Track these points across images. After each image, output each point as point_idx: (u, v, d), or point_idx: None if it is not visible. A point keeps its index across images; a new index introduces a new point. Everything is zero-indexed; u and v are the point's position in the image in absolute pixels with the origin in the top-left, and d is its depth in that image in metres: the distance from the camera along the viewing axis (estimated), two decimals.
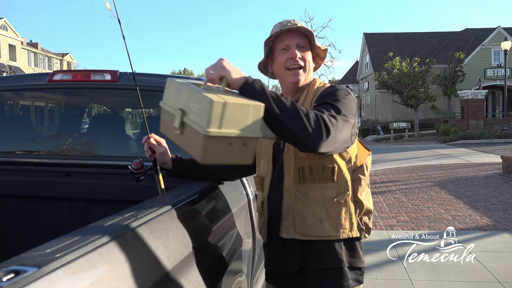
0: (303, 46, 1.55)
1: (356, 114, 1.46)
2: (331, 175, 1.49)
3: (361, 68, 41.44)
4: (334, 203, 1.49)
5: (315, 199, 1.49)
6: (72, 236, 0.91)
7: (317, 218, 1.48)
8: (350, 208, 1.52)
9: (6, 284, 0.67)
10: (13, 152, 2.60)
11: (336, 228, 1.49)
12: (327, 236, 1.48)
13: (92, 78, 2.47)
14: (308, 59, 1.56)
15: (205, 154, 1.17)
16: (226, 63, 1.29)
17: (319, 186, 1.49)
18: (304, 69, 1.54)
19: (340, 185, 1.50)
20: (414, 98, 24.92)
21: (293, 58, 1.52)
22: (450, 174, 10.56)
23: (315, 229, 1.48)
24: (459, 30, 37.23)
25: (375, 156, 15.39)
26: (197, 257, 1.32)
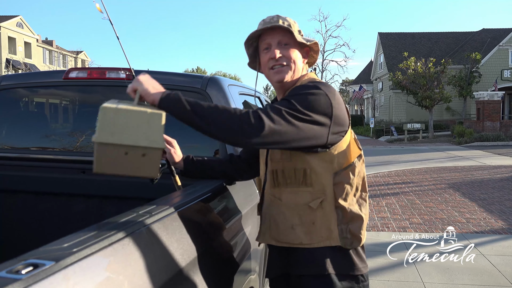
0: (287, 43, 1.46)
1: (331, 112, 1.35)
2: (303, 178, 1.40)
3: (375, 68, 41.09)
4: (307, 209, 1.39)
5: (288, 204, 1.41)
6: (88, 231, 0.93)
7: (289, 224, 1.40)
8: (328, 215, 1.39)
9: (26, 276, 0.68)
10: (28, 148, 2.65)
11: (310, 235, 1.39)
12: (299, 243, 1.40)
13: (107, 76, 2.50)
14: (292, 56, 1.47)
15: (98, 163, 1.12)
16: (142, 77, 1.32)
17: (291, 190, 1.41)
18: (288, 67, 1.47)
19: (315, 189, 1.40)
20: (429, 99, 24.62)
21: (273, 58, 1.46)
22: (464, 176, 10.41)
23: (287, 236, 1.41)
24: (476, 30, 36.66)
25: (389, 157, 15.28)
26: (210, 255, 1.32)
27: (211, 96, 2.30)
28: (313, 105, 1.33)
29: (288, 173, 1.41)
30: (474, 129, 22.96)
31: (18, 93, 2.74)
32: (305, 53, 1.54)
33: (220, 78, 2.47)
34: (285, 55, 1.47)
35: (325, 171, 1.40)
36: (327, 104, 1.35)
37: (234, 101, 2.39)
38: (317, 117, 1.32)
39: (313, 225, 1.39)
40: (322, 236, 1.39)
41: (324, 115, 1.34)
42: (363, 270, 1.45)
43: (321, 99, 1.35)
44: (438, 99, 24.76)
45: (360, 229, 1.42)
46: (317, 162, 1.39)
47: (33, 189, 2.49)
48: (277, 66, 1.47)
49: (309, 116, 1.31)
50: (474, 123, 24.50)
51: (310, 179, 1.39)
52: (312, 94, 1.35)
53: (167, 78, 2.48)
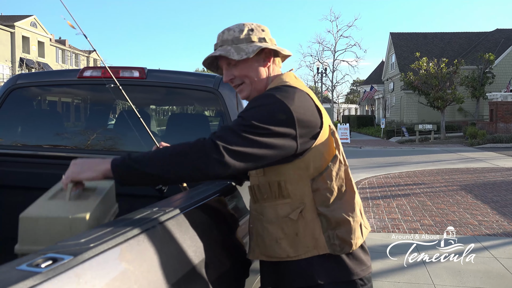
0: (234, 63, 1.41)
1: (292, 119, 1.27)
2: (279, 191, 1.34)
3: (387, 68, 40.81)
4: (288, 221, 1.34)
5: (269, 219, 1.37)
6: (105, 227, 0.94)
7: (273, 239, 1.36)
8: (310, 224, 1.33)
9: (45, 270, 0.70)
10: (42, 145, 2.68)
11: (296, 247, 1.34)
12: (286, 257, 1.35)
13: (121, 75, 2.53)
14: (244, 72, 1.41)
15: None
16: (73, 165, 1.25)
17: (270, 204, 1.37)
18: (244, 84, 1.43)
19: (293, 200, 1.34)
20: (441, 99, 24.37)
21: (227, 82, 1.44)
22: (477, 178, 10.29)
23: (274, 250, 1.37)
24: (489, 31, 36.20)
25: (400, 158, 15.17)
26: (222, 253, 1.34)
27: (223, 95, 2.31)
28: (268, 116, 1.25)
29: (263, 188, 1.38)
30: (486, 130, 22.68)
31: (34, 92, 2.78)
32: (266, 56, 1.44)
33: None
34: (236, 75, 1.42)
35: (301, 179, 1.34)
36: (285, 111, 1.27)
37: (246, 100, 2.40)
38: (277, 128, 1.25)
39: (296, 236, 1.33)
40: (307, 246, 1.33)
41: (284, 123, 1.26)
42: (362, 273, 1.38)
43: (275, 108, 1.27)
44: (450, 100, 24.50)
45: (349, 233, 1.34)
46: (292, 171, 1.33)
47: (47, 186, 2.52)
48: (236, 87, 1.45)
49: (267, 129, 1.24)
50: (487, 124, 24.21)
51: (286, 191, 1.34)
52: (265, 105, 1.28)
53: (180, 78, 2.50)
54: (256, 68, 1.43)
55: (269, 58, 1.45)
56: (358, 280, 1.37)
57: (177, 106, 3.64)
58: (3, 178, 2.55)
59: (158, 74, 2.52)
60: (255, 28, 1.44)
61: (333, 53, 38.18)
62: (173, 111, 3.91)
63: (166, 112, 4.56)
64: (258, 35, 1.43)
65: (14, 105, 2.70)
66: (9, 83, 2.68)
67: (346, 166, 1.40)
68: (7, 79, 2.85)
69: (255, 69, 1.42)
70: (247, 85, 1.42)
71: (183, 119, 3.00)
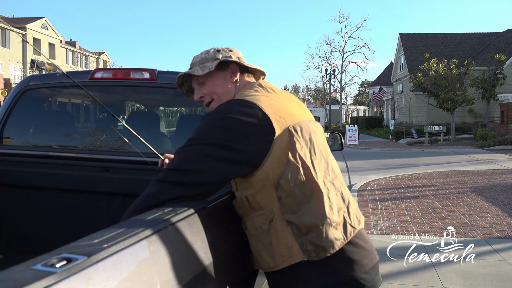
0: (203, 81, 1.49)
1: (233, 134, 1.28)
2: (250, 204, 1.35)
3: (396, 69, 40.57)
4: (263, 232, 1.34)
5: (250, 231, 1.39)
6: (117, 228, 0.95)
7: (256, 251, 1.39)
8: (281, 232, 1.31)
9: (60, 270, 0.71)
10: (54, 146, 2.71)
11: (273, 257, 1.33)
12: (267, 267, 1.36)
13: (132, 76, 2.55)
14: (211, 89, 1.48)
15: None
16: None
17: (248, 218, 1.38)
18: (214, 100, 1.49)
19: (266, 210, 1.33)
20: (450, 101, 24.16)
21: (198, 100, 1.52)
22: (487, 180, 10.19)
23: (258, 262, 1.40)
24: (500, 31, 35.82)
25: (409, 160, 15.07)
26: (233, 254, 1.34)
27: None
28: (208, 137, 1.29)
29: (238, 203, 1.40)
30: (497, 132, 22.43)
31: (46, 93, 2.82)
32: (232, 70, 1.50)
33: None
34: (205, 93, 1.50)
35: (265, 189, 1.31)
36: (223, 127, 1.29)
37: None
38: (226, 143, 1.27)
39: (271, 246, 1.33)
40: (283, 255, 1.31)
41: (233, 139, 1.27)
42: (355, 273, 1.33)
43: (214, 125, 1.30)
44: (461, 101, 24.28)
45: (320, 238, 1.28)
46: (255, 183, 1.32)
47: (59, 186, 2.55)
48: (208, 105, 1.51)
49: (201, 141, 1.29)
50: (498, 126, 23.94)
51: (256, 203, 1.33)
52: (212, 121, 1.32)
53: None
54: (222, 84, 1.49)
55: (235, 73, 1.50)
56: (353, 281, 1.32)
57: (186, 107, 3.66)
58: (15, 178, 2.59)
59: (168, 75, 2.54)
60: (222, 49, 1.52)
61: (342, 54, 38.04)
62: (183, 112, 3.93)
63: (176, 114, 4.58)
64: (224, 54, 1.50)
65: (27, 106, 2.73)
66: (22, 84, 2.72)
67: (306, 167, 1.31)
68: (20, 81, 2.89)
69: (221, 84, 1.48)
70: (216, 101, 1.48)
71: (192, 120, 3.01)
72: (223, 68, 1.49)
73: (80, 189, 2.53)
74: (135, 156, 2.50)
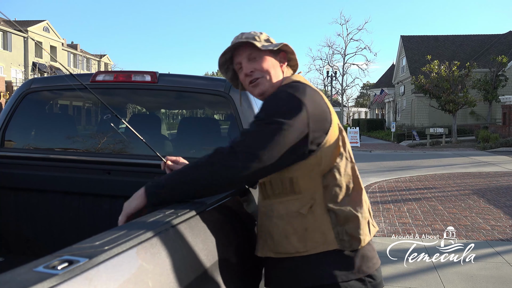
0: (255, 56, 1.47)
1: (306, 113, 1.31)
2: (291, 187, 1.37)
3: (397, 71, 40.56)
4: (298, 216, 1.35)
5: (279, 214, 1.38)
6: (119, 230, 0.96)
7: (283, 235, 1.37)
8: (319, 219, 1.35)
9: (62, 272, 0.71)
10: (56, 149, 2.72)
11: (305, 243, 1.34)
12: (295, 252, 1.35)
13: (133, 79, 2.56)
14: (265, 66, 1.47)
15: None
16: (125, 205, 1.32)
17: (281, 200, 1.38)
18: (263, 78, 1.47)
19: (304, 196, 1.36)
20: (452, 103, 24.13)
21: (247, 74, 1.47)
22: (489, 182, 10.16)
23: (283, 246, 1.37)
24: (502, 33, 35.79)
25: (410, 162, 15.05)
26: (234, 257, 1.34)
27: (234, 99, 2.33)
28: (283, 111, 1.30)
29: (275, 184, 1.39)
30: (499, 134, 22.39)
31: (47, 96, 2.83)
32: (282, 58, 1.53)
33: None
34: (257, 68, 1.47)
35: (313, 175, 1.36)
36: (298, 105, 1.31)
37: (257, 104, 2.41)
38: (291, 122, 1.28)
39: (306, 232, 1.34)
40: (316, 241, 1.34)
41: (298, 117, 1.30)
42: (369, 270, 1.37)
43: (289, 102, 1.32)
44: (462, 103, 24.25)
45: (358, 229, 1.36)
46: (304, 168, 1.36)
47: (60, 189, 2.56)
48: (253, 80, 1.48)
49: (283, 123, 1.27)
50: (500, 128, 23.90)
51: (298, 187, 1.36)
52: (279, 101, 1.33)
53: (191, 82, 2.52)
54: (274, 66, 1.49)
55: (285, 60, 1.54)
56: (366, 278, 1.37)
57: (188, 110, 3.67)
58: (17, 181, 2.60)
59: (169, 78, 2.54)
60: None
61: (343, 56, 38.06)
62: (184, 115, 3.94)
63: (177, 116, 4.59)
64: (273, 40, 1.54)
65: (28, 109, 2.74)
66: (24, 87, 2.73)
67: (353, 163, 1.44)
68: (21, 84, 2.90)
69: (274, 66, 1.49)
70: (265, 80, 1.47)
71: (194, 123, 3.02)
72: (275, 53, 1.51)
73: (82, 192, 2.53)
74: (137, 158, 2.51)
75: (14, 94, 2.74)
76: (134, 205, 1.30)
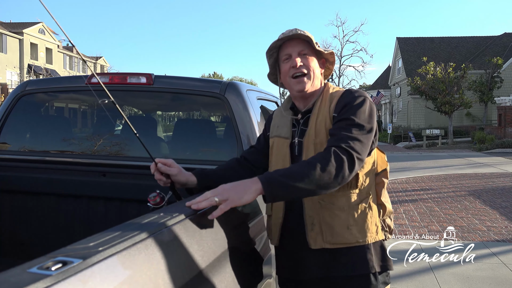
0: (305, 53, 1.55)
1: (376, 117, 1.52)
2: (355, 182, 1.49)
3: (393, 73, 40.71)
4: (359, 209, 1.49)
5: (341, 206, 1.47)
6: (113, 231, 0.96)
7: (344, 226, 1.46)
8: (374, 212, 1.53)
9: (55, 273, 0.71)
10: (51, 151, 2.71)
11: (364, 233, 1.48)
12: (355, 242, 1.47)
13: (128, 81, 2.55)
14: (312, 65, 1.55)
15: None
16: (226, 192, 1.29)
17: (343, 194, 1.48)
18: (308, 76, 1.54)
19: (362, 190, 1.51)
20: (448, 104, 24.24)
21: (295, 66, 1.53)
22: (485, 183, 10.20)
23: (344, 237, 1.46)
24: (497, 35, 36.00)
25: (407, 163, 15.09)
26: (228, 258, 1.34)
27: (230, 101, 2.33)
28: (370, 115, 1.47)
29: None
30: (495, 135, 22.50)
31: (43, 98, 2.82)
32: (321, 64, 1.63)
33: (239, 83, 2.49)
34: (305, 64, 1.54)
35: (370, 173, 1.53)
36: (374, 110, 1.51)
37: (252, 106, 2.41)
38: (373, 126, 1.46)
39: (365, 223, 1.49)
40: (372, 232, 1.50)
41: (374, 121, 1.49)
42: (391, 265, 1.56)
43: (371, 107, 1.50)
44: (458, 105, 24.36)
45: (391, 221, 1.64)
46: (366, 166, 1.51)
47: (56, 191, 2.55)
48: (298, 74, 1.53)
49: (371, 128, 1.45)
50: (496, 129, 24.02)
51: (360, 182, 1.49)
52: (364, 104, 1.48)
53: (187, 83, 2.52)
54: (317, 68, 1.60)
55: (323, 67, 1.65)
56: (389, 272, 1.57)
57: (183, 111, 3.66)
58: (11, 183, 2.58)
59: (165, 80, 2.54)
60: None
61: (340, 58, 38.21)
62: (180, 117, 3.93)
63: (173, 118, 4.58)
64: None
65: (24, 111, 2.73)
66: (19, 89, 2.72)
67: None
68: (17, 86, 2.89)
69: (317, 68, 1.60)
70: (310, 78, 1.55)
71: (189, 125, 3.01)
72: (318, 57, 1.61)
73: (77, 194, 2.52)
74: (132, 160, 2.50)
75: (9, 96, 2.73)
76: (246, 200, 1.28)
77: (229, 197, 1.26)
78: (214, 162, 2.21)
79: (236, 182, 1.32)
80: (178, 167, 1.59)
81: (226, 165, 1.73)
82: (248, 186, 1.29)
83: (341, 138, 1.39)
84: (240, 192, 1.28)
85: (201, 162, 2.34)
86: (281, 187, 1.29)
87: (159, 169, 1.57)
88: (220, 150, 2.53)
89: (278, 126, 1.65)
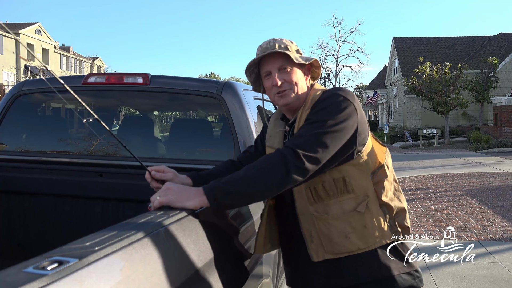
0: (286, 67, 1.48)
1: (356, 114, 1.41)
2: (344, 187, 1.42)
3: (390, 73, 40.81)
4: (355, 215, 1.41)
5: (335, 215, 1.41)
6: (109, 231, 0.96)
7: (342, 235, 1.40)
8: (376, 215, 1.43)
9: (51, 272, 0.71)
10: (47, 151, 2.70)
11: (365, 239, 1.40)
12: (356, 250, 1.40)
13: (125, 81, 2.54)
14: (294, 79, 1.48)
15: None
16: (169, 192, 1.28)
17: (336, 201, 1.42)
18: (292, 90, 1.49)
19: (357, 194, 1.42)
20: (444, 104, 24.31)
21: (276, 85, 1.47)
22: (481, 183, 10.24)
23: (344, 246, 1.41)
24: (493, 35, 36.16)
25: (403, 163, 15.12)
26: (224, 257, 1.34)
27: (226, 100, 2.33)
28: (337, 111, 1.37)
29: (328, 186, 1.42)
30: (491, 135, 22.59)
31: (39, 98, 2.81)
32: (306, 70, 1.55)
33: (235, 83, 2.49)
34: (287, 80, 1.48)
35: (363, 173, 1.44)
36: (351, 108, 1.39)
37: (249, 106, 2.41)
38: (346, 124, 1.36)
39: (365, 229, 1.41)
40: (376, 236, 1.42)
41: (351, 119, 1.38)
42: (415, 264, 1.49)
43: (345, 104, 1.39)
44: (454, 105, 24.44)
45: (405, 219, 1.49)
46: (354, 168, 1.42)
47: (52, 192, 2.54)
48: (281, 92, 1.49)
49: (340, 125, 1.35)
50: (491, 129, 24.12)
51: (350, 186, 1.42)
52: (334, 103, 1.39)
53: (183, 83, 2.52)
54: (301, 78, 1.52)
55: (309, 73, 1.57)
56: (414, 272, 1.48)
57: (180, 111, 3.66)
58: (8, 184, 2.58)
59: (161, 80, 2.54)
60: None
61: (336, 58, 38.29)
62: (176, 117, 3.93)
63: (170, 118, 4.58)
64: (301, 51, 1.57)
65: (20, 111, 2.72)
66: (15, 89, 2.71)
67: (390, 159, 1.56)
68: (13, 86, 2.88)
69: (301, 78, 1.52)
70: (293, 92, 1.49)
71: (186, 125, 3.01)
72: (302, 65, 1.53)
73: (74, 194, 2.52)
74: (129, 160, 2.50)
75: (5, 96, 2.72)
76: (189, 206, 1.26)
77: (169, 200, 1.27)
78: (211, 162, 2.21)
79: (184, 187, 1.33)
80: (173, 171, 1.59)
81: (221, 167, 1.72)
82: (193, 194, 1.28)
83: (293, 138, 1.37)
84: (183, 198, 1.27)
85: (198, 162, 2.34)
86: (224, 194, 1.26)
87: (154, 177, 1.57)
88: (216, 150, 2.53)
89: (271, 136, 1.63)
